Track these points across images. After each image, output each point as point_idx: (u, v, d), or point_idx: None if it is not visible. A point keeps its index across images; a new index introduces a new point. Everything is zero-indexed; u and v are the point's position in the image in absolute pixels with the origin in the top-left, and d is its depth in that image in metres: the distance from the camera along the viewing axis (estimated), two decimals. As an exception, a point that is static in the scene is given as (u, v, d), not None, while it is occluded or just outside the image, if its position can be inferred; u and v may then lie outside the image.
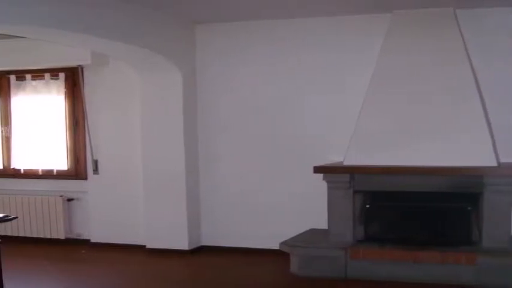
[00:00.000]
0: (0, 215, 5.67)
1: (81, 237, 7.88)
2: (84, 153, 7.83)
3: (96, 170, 7.71)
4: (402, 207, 6.25)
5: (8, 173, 8.23)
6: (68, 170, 7.94)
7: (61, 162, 7.96)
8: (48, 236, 7.85)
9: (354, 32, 6.78)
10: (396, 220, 6.26)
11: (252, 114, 7.19)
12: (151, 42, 6.56)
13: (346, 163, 6.23)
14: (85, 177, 7.86)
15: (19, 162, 8.17)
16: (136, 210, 7.49)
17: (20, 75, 8.03)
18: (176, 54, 7.06)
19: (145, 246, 7.37)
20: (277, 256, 6.50)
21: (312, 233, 6.67)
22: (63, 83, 7.83)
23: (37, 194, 7.94)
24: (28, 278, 6.46)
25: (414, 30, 6.30)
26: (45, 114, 7.98)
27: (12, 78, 8.09)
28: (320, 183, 6.27)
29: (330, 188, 6.23)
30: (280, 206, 7.08)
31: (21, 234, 7.90)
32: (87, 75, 7.72)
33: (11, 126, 8.17)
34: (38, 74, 7.91)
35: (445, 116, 6.05)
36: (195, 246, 7.33)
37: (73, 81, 7.81)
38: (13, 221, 6.21)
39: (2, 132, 8.23)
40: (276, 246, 6.43)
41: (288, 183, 7.03)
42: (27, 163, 8.13)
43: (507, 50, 6.36)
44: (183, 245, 7.21)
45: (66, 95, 7.86)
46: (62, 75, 7.82)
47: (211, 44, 7.30)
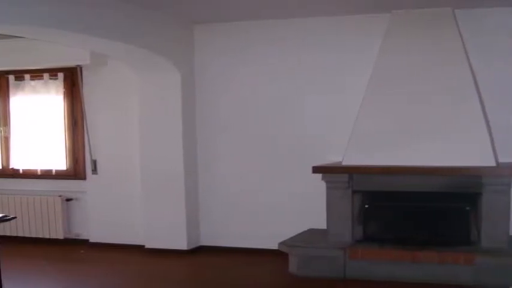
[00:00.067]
0: (-1, 215, 5.68)
1: (80, 237, 7.88)
2: (83, 153, 7.83)
3: (94, 170, 7.71)
4: (401, 207, 6.25)
5: (7, 173, 8.22)
6: (67, 170, 7.94)
7: (60, 162, 7.96)
8: (47, 236, 7.84)
9: (354, 32, 6.78)
10: (395, 220, 6.26)
11: (251, 114, 7.19)
12: (150, 42, 6.56)
13: (345, 163, 6.23)
14: (84, 177, 7.85)
15: (18, 162, 8.17)
16: (135, 210, 7.49)
17: (19, 75, 8.03)
18: (175, 54, 7.06)
19: (144, 246, 7.37)
20: (276, 256, 6.50)
21: (311, 233, 6.67)
22: (62, 83, 7.83)
23: (36, 194, 7.93)
24: (27, 278, 6.46)
25: (413, 30, 6.30)
26: (44, 114, 7.98)
27: (11, 78, 8.09)
28: (319, 183, 6.27)
29: (328, 188, 6.24)
30: (279, 206, 7.08)
31: (20, 234, 7.90)
32: (86, 75, 7.72)
33: (9, 126, 8.17)
34: (36, 74, 7.91)
35: (443, 116, 6.05)
36: (194, 246, 7.33)
37: (72, 81, 7.81)
38: (12, 221, 6.20)
39: (0, 132, 8.22)
40: (275, 246, 6.43)
41: (287, 183, 7.03)
42: (26, 163, 8.13)
43: (507, 50, 6.36)
44: (182, 245, 7.21)
45: (65, 95, 7.86)
46: (60, 75, 7.82)
47: (210, 44, 7.30)
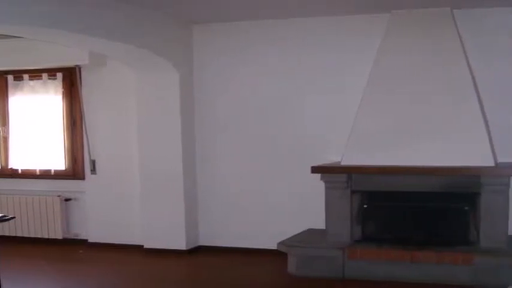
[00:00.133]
0: (-3, 215, 5.68)
1: (79, 237, 7.87)
2: (81, 153, 7.82)
3: (93, 170, 7.71)
4: (400, 207, 6.25)
5: (6, 173, 8.21)
6: (66, 170, 7.94)
7: (59, 162, 7.95)
8: (45, 236, 7.84)
9: (354, 32, 6.77)
10: (394, 220, 6.27)
11: (250, 114, 7.19)
12: (149, 42, 6.56)
13: (344, 163, 6.23)
14: (83, 177, 7.85)
15: (17, 162, 8.16)
16: (133, 210, 7.49)
17: (18, 75, 8.02)
18: (174, 55, 7.06)
19: (142, 246, 7.36)
20: (275, 256, 6.51)
21: (310, 233, 6.67)
22: (61, 83, 7.82)
23: (35, 194, 7.93)
24: (26, 278, 6.45)
25: (412, 30, 6.29)
26: (43, 114, 7.97)
27: (9, 78, 8.08)
28: (318, 183, 6.27)
29: (327, 188, 6.24)
30: (278, 206, 7.08)
31: (19, 234, 7.89)
32: (85, 75, 7.72)
33: (8, 126, 8.16)
34: (35, 74, 7.90)
35: (442, 116, 6.05)
36: (193, 246, 7.33)
37: (71, 81, 7.80)
38: (11, 221, 6.22)
39: (-1, 132, 8.24)
40: (274, 246, 6.43)
41: (286, 183, 7.03)
42: (25, 163, 8.12)
43: (507, 50, 6.35)
44: (181, 245, 7.21)
45: (63, 95, 7.85)
46: (59, 75, 7.81)
47: (209, 44, 7.30)
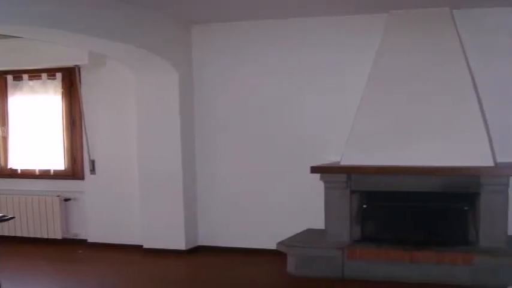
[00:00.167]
0: (-3, 215, 5.68)
1: (78, 237, 7.87)
2: (81, 153, 7.82)
3: (93, 170, 7.71)
4: (399, 207, 6.25)
5: (5, 173, 8.21)
6: (65, 170, 7.94)
7: (58, 162, 7.95)
8: (45, 236, 7.84)
9: (354, 32, 6.77)
10: (393, 220, 6.27)
11: (250, 114, 7.19)
12: (148, 42, 6.56)
13: (343, 163, 6.23)
14: (82, 177, 7.85)
15: (16, 162, 8.16)
16: (133, 210, 7.49)
17: (17, 75, 8.02)
18: (173, 55, 7.06)
19: (142, 246, 7.36)
20: (274, 256, 6.51)
21: (309, 233, 6.67)
22: (60, 83, 7.83)
23: (34, 194, 7.93)
24: (25, 278, 6.45)
25: (410, 30, 6.29)
26: (42, 114, 7.97)
27: (9, 78, 8.08)
28: (317, 183, 6.27)
29: (326, 188, 6.24)
30: (277, 206, 7.08)
31: (18, 234, 7.89)
32: (84, 75, 7.71)
33: (8, 126, 8.16)
34: (35, 74, 7.90)
35: (441, 116, 6.05)
36: (192, 246, 7.33)
37: (70, 81, 7.80)
38: (10, 221, 6.21)
39: (-1, 132, 8.24)
40: (273, 246, 6.43)
41: (286, 183, 7.03)
42: (24, 163, 8.11)
43: (507, 50, 6.35)
44: (180, 245, 7.21)
45: (63, 95, 7.85)
46: (59, 75, 7.81)
47: (208, 44, 7.29)
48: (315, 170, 6.25)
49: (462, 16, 6.29)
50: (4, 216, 5.72)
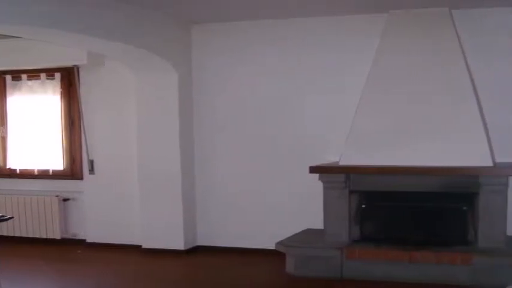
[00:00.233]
0: (-4, 215, 5.67)
1: (77, 237, 7.87)
2: (80, 153, 7.82)
3: (92, 170, 7.70)
4: (398, 207, 6.25)
5: (4, 173, 8.20)
6: (64, 170, 7.93)
7: (57, 162, 7.94)
8: (44, 236, 7.83)
9: (354, 32, 6.77)
10: (392, 220, 6.27)
11: (249, 114, 7.19)
12: (148, 42, 6.56)
13: (342, 163, 6.23)
14: (81, 177, 7.84)
15: (15, 162, 8.15)
16: (132, 210, 7.48)
17: (16, 75, 8.02)
18: (173, 55, 7.06)
19: (141, 246, 7.36)
20: (273, 256, 6.51)
21: (308, 233, 6.67)
22: (59, 83, 7.82)
23: (33, 194, 7.92)
24: (24, 278, 6.45)
25: (410, 30, 6.30)
26: (41, 114, 7.96)
27: (8, 78, 8.07)
28: (316, 183, 6.27)
29: (325, 188, 6.24)
30: (276, 206, 7.08)
31: (17, 234, 7.88)
32: (83, 75, 7.71)
33: (6, 126, 8.15)
34: (33, 74, 7.90)
35: (440, 116, 6.05)
36: (191, 246, 7.33)
37: (69, 81, 7.80)
38: (9, 221, 6.19)
39: (-2, 132, 8.23)
40: (272, 246, 6.43)
41: (285, 184, 7.03)
42: (23, 163, 8.11)
43: (507, 50, 6.35)
44: (179, 245, 7.20)
45: (62, 95, 7.85)
46: (57, 75, 7.81)
47: (208, 44, 7.29)
48: (313, 170, 6.25)
49: (461, 16, 6.29)
50: (3, 216, 5.70)
